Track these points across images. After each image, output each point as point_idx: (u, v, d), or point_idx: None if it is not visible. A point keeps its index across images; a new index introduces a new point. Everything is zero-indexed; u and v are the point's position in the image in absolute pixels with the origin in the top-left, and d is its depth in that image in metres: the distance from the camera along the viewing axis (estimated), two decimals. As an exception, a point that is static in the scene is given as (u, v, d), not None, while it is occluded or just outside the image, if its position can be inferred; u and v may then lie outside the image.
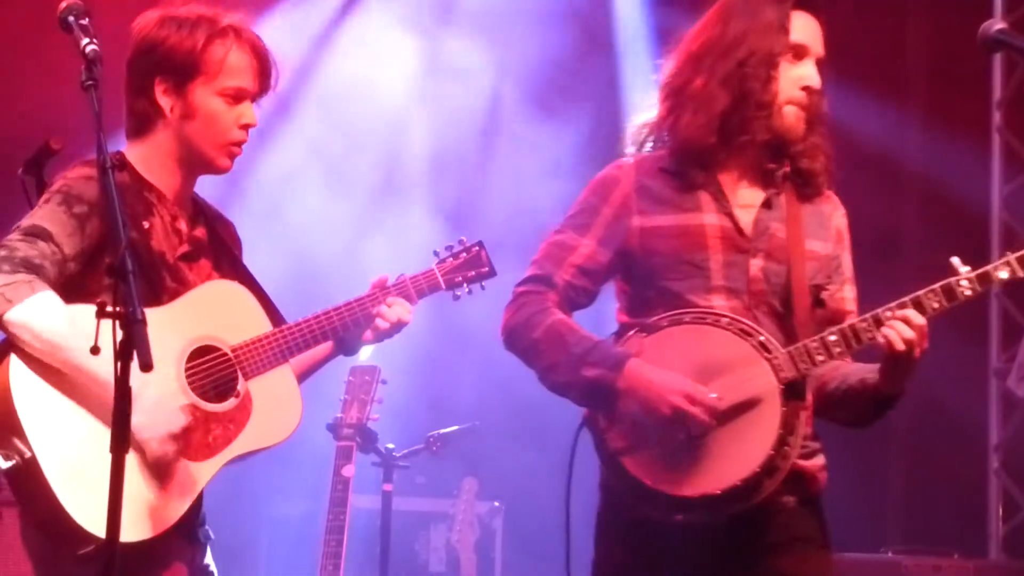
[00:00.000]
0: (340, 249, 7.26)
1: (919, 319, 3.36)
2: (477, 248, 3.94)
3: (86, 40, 3.08)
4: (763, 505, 3.42)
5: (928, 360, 3.45)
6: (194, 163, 3.59)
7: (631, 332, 3.51)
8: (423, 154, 7.72)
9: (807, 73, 3.52)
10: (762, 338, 3.42)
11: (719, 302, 3.47)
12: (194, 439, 3.44)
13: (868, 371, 3.52)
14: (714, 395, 3.37)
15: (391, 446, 5.99)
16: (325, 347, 3.75)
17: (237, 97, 3.55)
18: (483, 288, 3.95)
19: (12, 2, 6.54)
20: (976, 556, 6.68)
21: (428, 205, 7.57)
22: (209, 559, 3.64)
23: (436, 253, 3.91)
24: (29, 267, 3.34)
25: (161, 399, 3.38)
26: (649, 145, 3.64)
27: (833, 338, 3.42)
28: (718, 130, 3.47)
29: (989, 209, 7.30)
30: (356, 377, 5.47)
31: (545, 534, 7.80)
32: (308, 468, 6.52)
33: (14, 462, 3.28)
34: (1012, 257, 3.44)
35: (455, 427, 6.47)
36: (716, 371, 3.40)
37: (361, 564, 6.09)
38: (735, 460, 3.37)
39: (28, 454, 3.28)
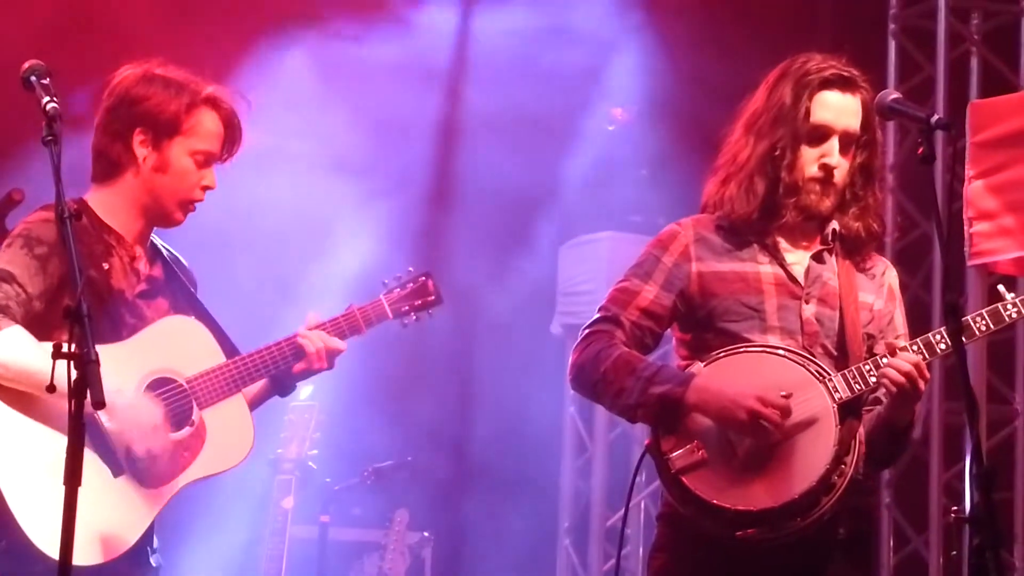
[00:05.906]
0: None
1: (905, 366, 3.50)
2: (424, 278, 4.10)
3: (47, 98, 3.23)
4: (818, 536, 3.54)
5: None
6: (154, 213, 3.80)
7: (692, 364, 3.64)
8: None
9: (825, 151, 3.63)
10: (817, 365, 3.57)
11: (775, 341, 3.62)
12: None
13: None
14: (784, 392, 3.51)
15: (328, 479, 6.26)
16: (261, 387, 3.92)
17: (206, 160, 3.80)
18: (431, 316, 4.11)
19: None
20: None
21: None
22: (160, 584, 3.80)
23: (384, 283, 4.07)
24: None
25: (134, 401, 3.59)
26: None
27: (885, 360, 3.54)
28: (758, 208, 3.69)
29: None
30: (296, 415, 5.73)
31: (471, 563, 8.16)
32: (250, 500, 6.76)
33: None
34: None
35: (389, 462, 6.74)
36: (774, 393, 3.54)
37: (298, 591, 6.21)
38: (794, 476, 3.49)
39: None
